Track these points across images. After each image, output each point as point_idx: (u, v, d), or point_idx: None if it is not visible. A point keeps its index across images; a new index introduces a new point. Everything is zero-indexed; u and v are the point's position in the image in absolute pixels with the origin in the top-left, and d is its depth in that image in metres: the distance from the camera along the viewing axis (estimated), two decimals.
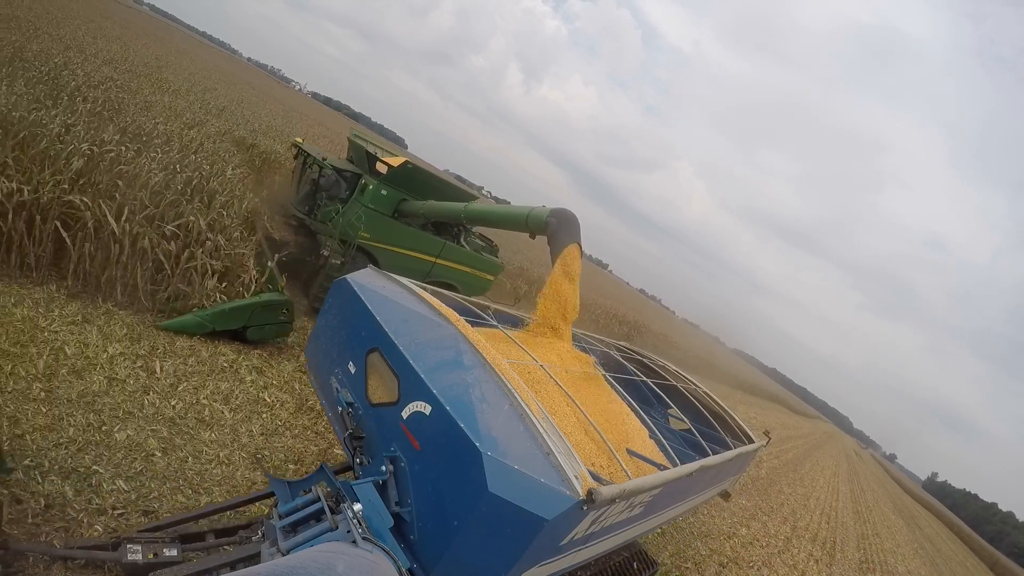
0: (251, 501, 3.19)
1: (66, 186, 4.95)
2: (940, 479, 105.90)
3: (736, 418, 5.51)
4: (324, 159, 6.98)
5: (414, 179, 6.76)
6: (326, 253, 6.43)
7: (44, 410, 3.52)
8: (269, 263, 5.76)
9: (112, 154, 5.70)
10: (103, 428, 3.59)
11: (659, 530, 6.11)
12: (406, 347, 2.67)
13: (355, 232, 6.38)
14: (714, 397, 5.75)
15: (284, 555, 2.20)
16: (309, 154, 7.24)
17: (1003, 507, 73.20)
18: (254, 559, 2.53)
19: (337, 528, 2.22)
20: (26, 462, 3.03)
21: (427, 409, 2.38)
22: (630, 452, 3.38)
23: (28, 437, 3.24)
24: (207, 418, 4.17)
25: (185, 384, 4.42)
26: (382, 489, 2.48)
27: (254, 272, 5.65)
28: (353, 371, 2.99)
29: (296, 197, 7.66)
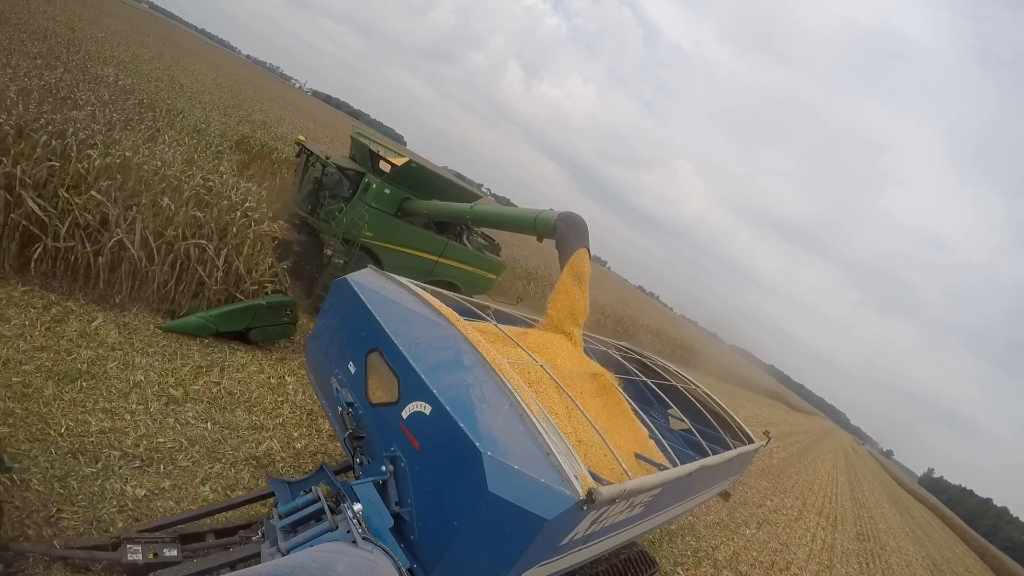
0: (251, 501, 3.19)
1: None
2: (936, 475, 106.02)
3: (736, 418, 5.50)
4: (327, 157, 6.94)
5: (417, 178, 6.73)
6: (330, 252, 6.40)
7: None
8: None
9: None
10: None
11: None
12: (406, 347, 2.66)
13: (359, 231, 6.36)
14: (714, 397, 5.74)
15: (284, 555, 2.20)
16: (312, 152, 7.19)
17: (997, 503, 73.34)
18: (254, 559, 2.53)
19: (337, 528, 2.22)
20: None
21: (427, 409, 2.38)
22: (638, 456, 3.38)
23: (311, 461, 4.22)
24: None
25: None
26: (382, 489, 2.47)
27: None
28: (353, 371, 2.98)
29: (299, 196, 7.62)
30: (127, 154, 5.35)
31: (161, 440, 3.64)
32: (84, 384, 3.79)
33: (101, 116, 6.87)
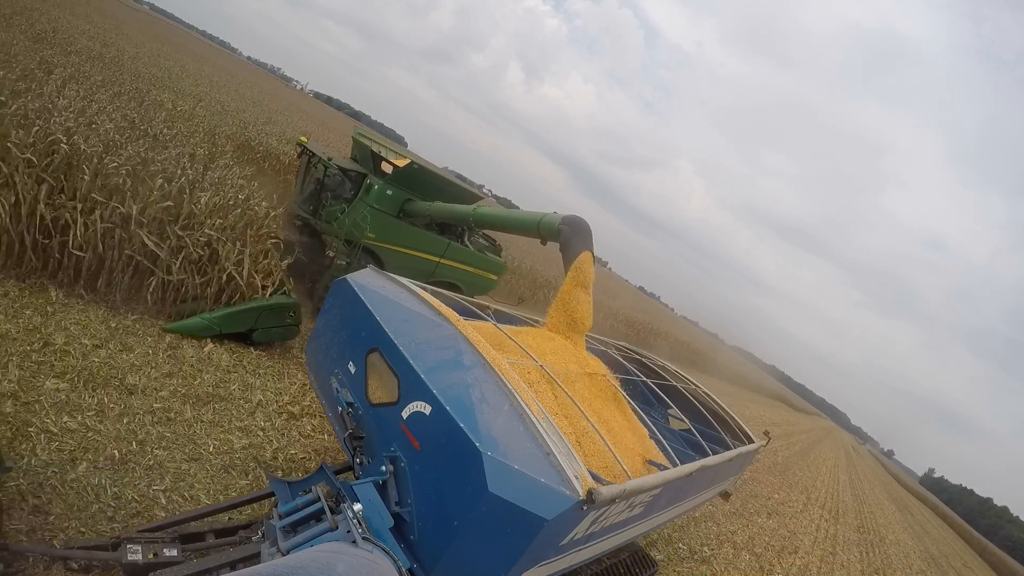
0: (251, 501, 3.19)
1: None
2: (936, 475, 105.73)
3: (736, 418, 5.50)
4: (329, 159, 6.94)
5: (419, 179, 6.73)
6: (332, 254, 6.40)
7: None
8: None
9: None
10: None
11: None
12: (406, 347, 2.66)
13: (360, 232, 6.35)
14: (714, 397, 5.74)
15: (284, 555, 2.20)
16: (313, 153, 7.19)
17: (998, 502, 73.22)
18: (254, 559, 2.53)
19: (337, 528, 2.22)
20: None
21: (427, 409, 2.38)
22: (650, 463, 3.38)
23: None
24: None
25: None
26: (382, 489, 2.47)
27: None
28: (353, 371, 2.98)
29: (300, 197, 7.62)
30: (239, 197, 5.89)
31: (293, 452, 4.08)
32: (216, 406, 4.17)
33: (185, 148, 7.43)
